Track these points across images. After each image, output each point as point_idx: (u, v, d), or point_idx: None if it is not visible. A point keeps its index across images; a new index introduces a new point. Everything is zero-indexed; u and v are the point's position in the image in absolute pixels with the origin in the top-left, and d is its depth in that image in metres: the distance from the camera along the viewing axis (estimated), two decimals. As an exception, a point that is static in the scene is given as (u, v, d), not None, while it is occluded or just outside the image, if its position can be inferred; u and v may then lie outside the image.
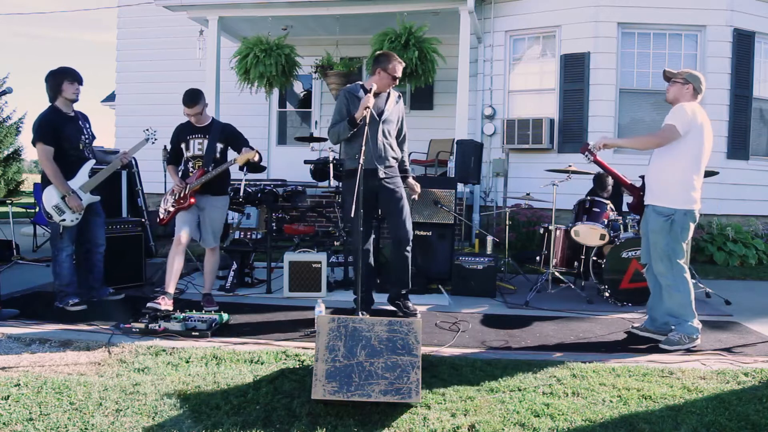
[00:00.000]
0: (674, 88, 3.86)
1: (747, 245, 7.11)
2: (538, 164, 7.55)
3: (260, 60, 7.80)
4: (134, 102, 10.34)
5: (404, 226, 4.26)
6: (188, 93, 4.41)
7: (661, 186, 3.82)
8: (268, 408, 2.73)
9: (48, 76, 4.38)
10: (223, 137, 4.51)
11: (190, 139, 4.48)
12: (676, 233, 3.77)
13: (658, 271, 3.88)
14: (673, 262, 3.80)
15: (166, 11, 8.40)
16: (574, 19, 7.64)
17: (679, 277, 3.80)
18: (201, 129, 4.50)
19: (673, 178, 3.78)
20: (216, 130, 4.50)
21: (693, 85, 3.81)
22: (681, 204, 3.76)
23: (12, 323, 4.00)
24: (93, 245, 4.60)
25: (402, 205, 4.28)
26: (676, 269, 3.80)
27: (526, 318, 4.51)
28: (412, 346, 2.84)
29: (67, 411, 2.67)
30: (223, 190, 4.58)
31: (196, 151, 4.46)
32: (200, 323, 3.88)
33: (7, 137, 18.17)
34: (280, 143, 10.21)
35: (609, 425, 2.64)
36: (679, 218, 3.76)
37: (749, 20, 7.49)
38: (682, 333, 3.80)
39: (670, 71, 3.92)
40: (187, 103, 4.38)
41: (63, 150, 4.32)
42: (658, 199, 3.83)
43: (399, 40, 7.25)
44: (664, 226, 3.79)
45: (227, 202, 4.66)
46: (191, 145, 4.48)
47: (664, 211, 3.78)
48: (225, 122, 4.69)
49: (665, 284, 3.86)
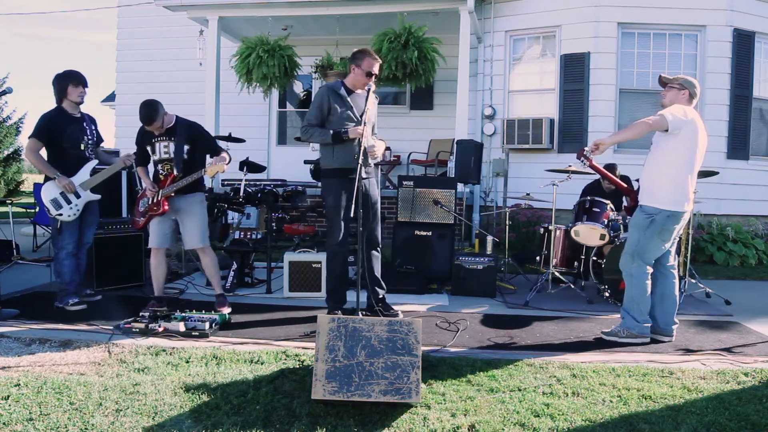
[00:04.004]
0: (670, 94, 3.93)
1: (747, 245, 7.11)
2: (538, 164, 7.55)
3: (263, 60, 7.79)
4: (134, 102, 10.17)
5: (376, 228, 4.28)
6: (144, 112, 4.16)
7: (652, 186, 3.87)
8: (268, 408, 2.73)
9: (54, 80, 4.44)
10: (190, 138, 4.32)
11: (155, 142, 4.33)
12: (651, 233, 3.83)
13: (621, 263, 4.00)
14: (636, 259, 3.89)
15: (166, 11, 8.39)
16: (574, 19, 7.64)
17: (636, 275, 3.90)
18: (165, 131, 4.32)
19: (664, 179, 3.82)
20: (182, 130, 4.31)
21: (689, 91, 3.87)
22: (668, 205, 3.79)
23: (12, 323, 4.00)
24: (80, 243, 4.60)
25: (377, 208, 4.29)
26: (637, 267, 3.89)
27: (526, 318, 4.51)
28: (412, 346, 2.84)
29: (67, 411, 2.67)
30: (195, 187, 4.37)
31: (162, 154, 4.32)
32: (200, 323, 3.88)
33: (7, 137, 18.15)
34: (280, 143, 10.21)
35: (609, 425, 2.64)
36: (661, 219, 3.80)
37: (749, 20, 7.49)
38: (623, 326, 3.92)
39: (666, 77, 3.99)
40: (146, 123, 4.20)
41: (63, 149, 4.35)
42: (647, 198, 3.88)
43: (399, 40, 7.24)
44: (643, 222, 3.86)
45: (202, 198, 4.47)
46: (157, 148, 4.33)
47: (648, 210, 3.84)
48: (191, 121, 4.44)
49: (624, 276, 3.98)
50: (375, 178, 4.31)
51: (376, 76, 4.12)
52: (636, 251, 3.89)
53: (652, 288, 4.00)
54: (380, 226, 4.36)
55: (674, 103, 3.87)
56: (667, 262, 4.02)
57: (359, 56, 4.09)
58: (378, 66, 4.12)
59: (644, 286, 3.89)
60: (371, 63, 4.06)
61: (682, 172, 3.79)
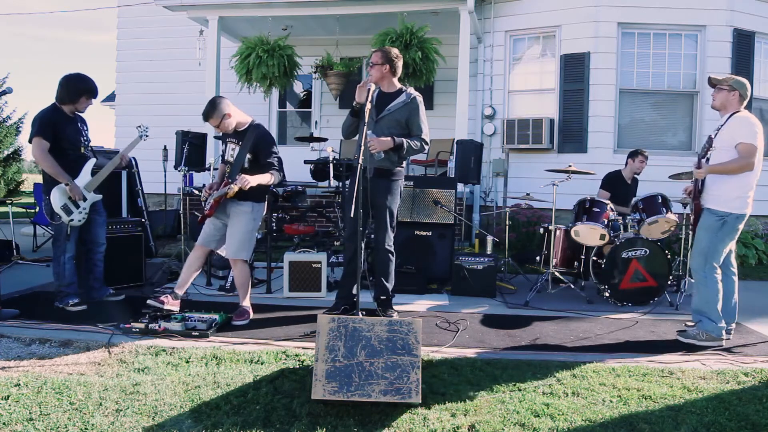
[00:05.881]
0: (721, 95, 3.92)
1: (747, 245, 7.11)
2: (538, 164, 7.55)
3: (263, 60, 7.80)
4: (134, 102, 10.35)
5: (378, 231, 4.22)
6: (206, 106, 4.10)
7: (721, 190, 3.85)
8: (268, 408, 2.73)
9: (69, 82, 4.33)
10: (253, 148, 4.12)
11: (228, 141, 4.26)
12: (723, 235, 3.86)
13: (693, 267, 4.00)
14: (708, 261, 3.90)
15: (166, 11, 8.40)
16: (574, 19, 7.64)
17: (710, 277, 3.90)
18: (237, 134, 4.18)
19: (733, 183, 3.82)
20: (250, 137, 4.12)
21: (739, 92, 3.87)
22: (737, 208, 3.83)
23: (12, 323, 4.00)
24: (94, 245, 4.59)
25: (382, 212, 4.19)
26: (710, 269, 3.90)
27: (526, 318, 4.51)
28: (412, 346, 2.84)
29: (67, 411, 2.67)
30: (248, 195, 4.10)
31: (229, 156, 4.23)
32: (200, 323, 3.88)
33: (7, 137, 18.15)
34: (280, 143, 10.18)
35: (609, 425, 2.64)
36: (732, 221, 3.85)
37: (749, 20, 7.49)
38: (701, 329, 3.89)
39: (715, 78, 3.98)
40: (203, 117, 4.13)
41: (63, 150, 4.31)
42: (716, 202, 3.88)
43: (401, 40, 7.25)
44: (714, 225, 3.86)
45: (253, 208, 4.17)
46: (227, 149, 4.27)
47: (719, 213, 3.85)
48: (263, 132, 4.19)
49: (697, 279, 3.97)
50: (385, 181, 4.19)
51: (374, 63, 4.13)
52: (709, 253, 3.89)
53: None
54: (389, 231, 4.23)
55: (725, 107, 3.90)
56: (730, 263, 4.05)
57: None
58: (374, 56, 4.16)
59: (718, 287, 3.90)
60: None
61: (748, 175, 3.82)
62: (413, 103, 4.16)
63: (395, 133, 4.11)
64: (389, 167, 4.18)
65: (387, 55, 4.13)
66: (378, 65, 4.11)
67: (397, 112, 4.14)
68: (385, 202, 4.18)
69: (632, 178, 6.01)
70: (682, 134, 7.66)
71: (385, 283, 4.28)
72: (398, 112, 4.14)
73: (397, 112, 4.14)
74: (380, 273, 4.28)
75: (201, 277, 5.55)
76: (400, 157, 4.17)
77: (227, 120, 4.10)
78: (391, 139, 4.04)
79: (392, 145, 4.05)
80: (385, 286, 4.29)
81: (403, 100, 4.15)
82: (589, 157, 7.46)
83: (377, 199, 4.17)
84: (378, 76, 4.14)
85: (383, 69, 4.13)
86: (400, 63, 4.20)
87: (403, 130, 4.17)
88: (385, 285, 4.29)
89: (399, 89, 4.22)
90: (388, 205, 4.19)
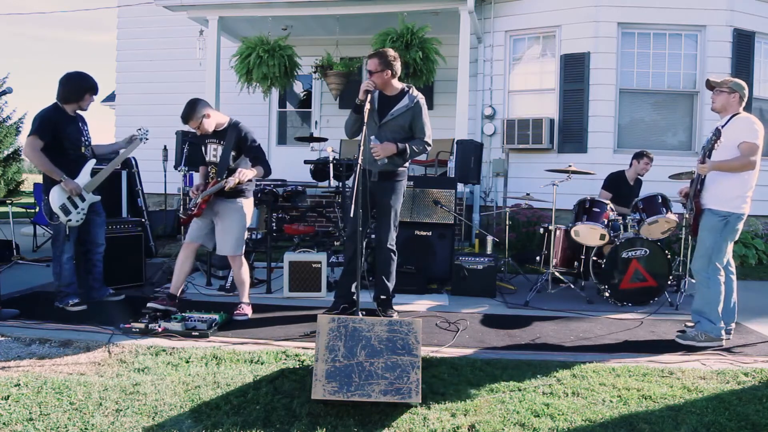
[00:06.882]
0: (721, 98, 3.94)
1: (747, 245, 7.11)
2: (538, 164, 7.55)
3: (263, 60, 7.79)
4: (134, 102, 10.35)
5: (380, 230, 4.21)
6: (183, 109, 4.11)
7: (723, 190, 3.87)
8: (268, 408, 2.73)
9: (73, 79, 4.33)
10: (237, 145, 4.21)
11: (207, 143, 4.29)
12: (725, 235, 3.88)
13: (696, 268, 4.00)
14: (712, 262, 3.90)
15: (166, 11, 8.39)
16: (574, 19, 7.64)
17: (713, 278, 3.91)
18: (218, 134, 4.23)
19: (734, 181, 3.84)
20: (231, 136, 4.19)
21: (739, 94, 3.90)
22: (738, 208, 3.86)
23: (12, 323, 4.00)
24: (93, 245, 4.59)
25: (386, 212, 4.19)
26: (713, 270, 3.90)
27: (526, 318, 4.51)
28: (412, 346, 2.84)
29: (67, 411, 2.67)
30: (236, 192, 4.22)
31: (211, 156, 4.27)
32: (200, 323, 3.88)
33: (7, 137, 18.14)
34: (280, 143, 10.21)
35: (609, 425, 2.64)
36: (734, 221, 3.87)
37: (749, 20, 7.49)
38: (699, 330, 3.89)
39: (713, 80, 4.00)
40: (182, 120, 4.13)
41: (64, 149, 4.30)
42: (717, 202, 3.89)
43: (401, 40, 7.25)
44: (717, 225, 3.88)
45: (242, 205, 4.28)
46: (208, 149, 4.29)
47: (722, 213, 3.87)
48: (243, 129, 4.24)
49: (699, 280, 3.97)
50: (389, 182, 4.20)
51: (374, 70, 4.05)
52: (712, 254, 3.90)
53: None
54: (392, 230, 4.23)
55: (726, 109, 3.92)
56: (729, 262, 4.05)
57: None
58: (370, 63, 4.09)
59: (720, 288, 3.90)
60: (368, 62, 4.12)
61: (749, 174, 3.85)
62: (416, 107, 4.13)
63: (399, 137, 4.10)
64: (393, 169, 4.20)
65: (385, 60, 4.04)
66: (378, 72, 4.03)
67: (401, 117, 4.12)
68: (389, 202, 4.20)
69: (635, 179, 5.97)
70: (682, 134, 7.66)
71: (386, 282, 4.29)
72: (401, 117, 4.12)
73: (400, 117, 4.12)
74: (382, 272, 4.28)
75: (201, 277, 5.56)
76: (403, 159, 4.19)
77: (206, 121, 4.13)
78: (395, 145, 4.04)
79: (396, 152, 4.05)
80: (385, 286, 4.29)
81: (406, 104, 4.11)
82: (589, 157, 7.46)
83: (381, 199, 4.19)
84: (381, 83, 4.08)
85: (384, 75, 4.06)
86: (398, 63, 4.14)
87: (406, 134, 4.16)
88: (386, 284, 4.29)
89: (401, 90, 4.17)
90: (392, 204, 4.21)
